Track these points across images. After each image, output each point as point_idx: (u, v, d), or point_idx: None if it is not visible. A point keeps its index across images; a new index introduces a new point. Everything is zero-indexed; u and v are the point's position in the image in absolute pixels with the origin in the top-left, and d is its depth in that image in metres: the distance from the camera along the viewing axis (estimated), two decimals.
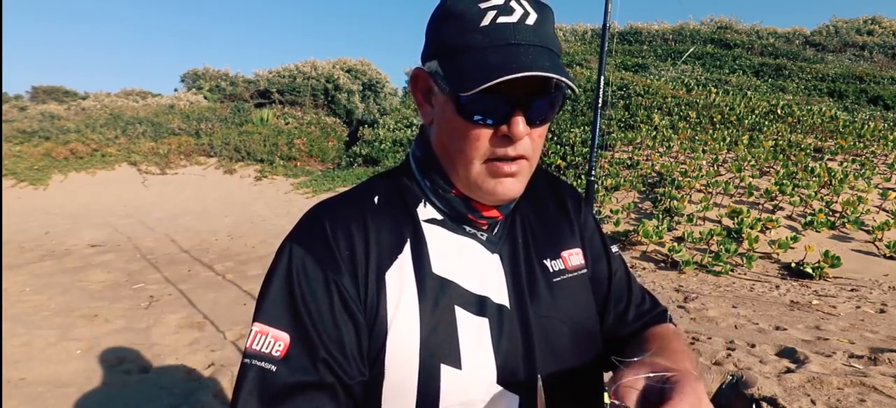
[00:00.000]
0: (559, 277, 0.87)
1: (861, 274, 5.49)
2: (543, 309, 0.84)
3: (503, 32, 0.69)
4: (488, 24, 0.69)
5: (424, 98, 0.82)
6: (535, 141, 0.76)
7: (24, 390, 2.86)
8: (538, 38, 0.71)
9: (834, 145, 9.53)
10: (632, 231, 6.75)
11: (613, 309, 0.95)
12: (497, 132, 0.73)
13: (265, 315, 0.74)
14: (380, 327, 0.75)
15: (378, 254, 0.78)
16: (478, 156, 0.75)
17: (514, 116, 0.71)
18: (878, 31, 21.55)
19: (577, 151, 10.81)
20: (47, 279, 5.57)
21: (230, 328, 3.90)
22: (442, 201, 0.83)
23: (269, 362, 0.71)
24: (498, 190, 0.76)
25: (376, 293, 0.76)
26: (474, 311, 0.79)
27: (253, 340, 0.73)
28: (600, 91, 4.58)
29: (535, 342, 0.81)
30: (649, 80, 15.70)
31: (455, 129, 0.75)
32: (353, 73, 22.67)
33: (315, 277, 0.75)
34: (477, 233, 0.84)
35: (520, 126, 0.71)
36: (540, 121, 0.74)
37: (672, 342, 0.85)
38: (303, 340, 0.72)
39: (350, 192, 0.86)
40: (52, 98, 23.86)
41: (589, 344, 0.88)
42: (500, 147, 0.73)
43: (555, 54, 0.72)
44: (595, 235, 0.98)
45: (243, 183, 15.46)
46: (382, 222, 0.81)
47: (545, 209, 0.94)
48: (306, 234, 0.78)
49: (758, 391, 2.43)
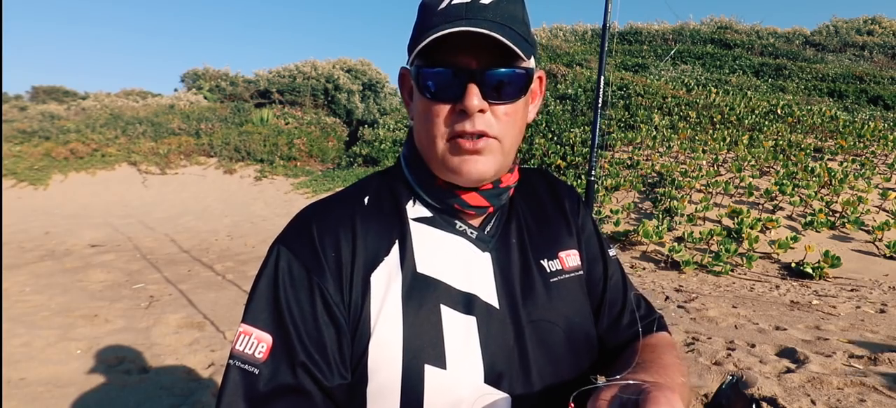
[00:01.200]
0: (556, 278, 0.87)
1: (861, 274, 5.49)
2: (538, 310, 0.83)
3: (456, 11, 0.72)
4: (445, 6, 0.73)
5: (409, 96, 0.83)
6: (502, 120, 0.76)
7: (24, 390, 2.86)
8: (492, 15, 0.72)
9: (834, 145, 9.53)
10: (632, 231, 6.75)
11: (607, 313, 0.94)
12: (454, 108, 0.74)
13: (250, 316, 0.75)
14: (364, 330, 0.75)
15: (365, 257, 0.78)
16: (440, 134, 0.76)
17: (468, 89, 0.72)
18: (878, 31, 21.56)
19: (577, 151, 10.81)
20: (47, 279, 5.58)
21: (230, 328, 3.90)
22: (429, 194, 0.83)
23: (252, 364, 0.72)
24: (463, 168, 0.76)
25: (361, 296, 0.76)
26: (461, 309, 0.78)
27: (238, 340, 0.74)
28: (600, 91, 4.58)
29: (527, 343, 0.80)
30: (649, 80, 15.69)
31: (421, 111, 0.77)
32: (353, 73, 22.68)
33: (300, 281, 0.75)
34: (467, 230, 0.83)
35: (473, 99, 0.71)
36: (500, 96, 0.74)
37: (662, 355, 0.83)
38: (284, 342, 0.73)
39: (341, 192, 0.87)
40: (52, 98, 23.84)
41: (584, 346, 0.87)
42: (458, 123, 0.74)
43: (513, 30, 0.73)
44: (592, 237, 0.97)
45: (243, 183, 15.46)
46: (371, 224, 0.81)
47: (543, 210, 0.93)
48: (294, 237, 0.79)
49: (758, 391, 2.43)
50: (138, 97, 22.37)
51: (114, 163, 16.47)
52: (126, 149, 17.07)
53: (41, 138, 17.09)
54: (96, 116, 19.01)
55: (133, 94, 23.21)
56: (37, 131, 17.40)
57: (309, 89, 21.24)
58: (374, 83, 23.14)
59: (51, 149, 16.43)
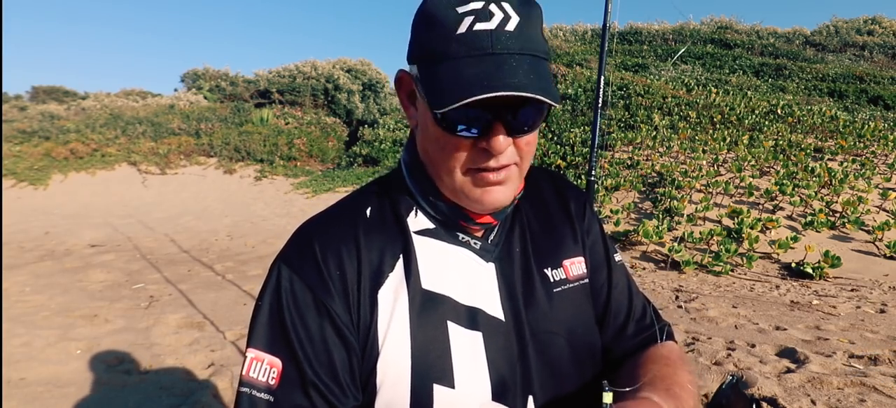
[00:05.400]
0: (559, 288, 0.85)
1: (861, 274, 5.49)
2: (541, 321, 0.81)
3: (480, 41, 0.65)
4: (465, 31, 0.65)
5: (409, 101, 0.79)
6: (523, 148, 0.73)
7: (24, 390, 2.86)
8: (519, 45, 0.66)
9: (834, 145, 9.53)
10: (632, 231, 6.74)
11: (612, 322, 0.91)
12: (476, 144, 0.70)
13: (257, 340, 0.74)
14: (372, 348, 0.74)
15: (370, 273, 0.76)
16: (459, 166, 0.72)
17: (495, 128, 0.68)
18: (879, 31, 21.54)
19: (577, 151, 10.81)
20: (47, 279, 5.57)
21: (230, 328, 3.90)
22: (433, 208, 0.80)
23: (266, 391, 0.71)
24: (485, 199, 0.74)
25: (369, 314, 0.75)
26: (466, 325, 0.77)
27: (249, 367, 0.73)
28: (600, 91, 4.58)
29: (531, 356, 0.78)
30: (649, 80, 15.69)
31: (436, 138, 0.72)
32: (353, 73, 22.67)
33: (305, 302, 0.74)
34: (471, 241, 0.81)
35: (500, 140, 0.68)
36: (526, 129, 0.71)
37: (676, 373, 0.81)
38: (295, 366, 0.72)
39: (342, 204, 0.84)
40: (52, 98, 23.84)
41: (588, 358, 0.85)
42: (482, 159, 0.71)
43: (540, 59, 0.68)
44: (598, 242, 0.94)
45: (243, 183, 15.46)
46: (374, 238, 0.79)
47: (548, 214, 0.91)
48: (296, 255, 0.77)
49: (758, 391, 2.43)
50: (138, 97, 22.37)
51: (114, 163, 16.47)
52: (126, 149, 17.08)
53: (41, 138, 17.09)
54: (96, 116, 19.01)
55: (133, 94, 23.20)
56: (37, 131, 17.40)
57: (309, 89, 21.24)
58: (374, 83, 23.13)
59: (51, 149, 16.43)
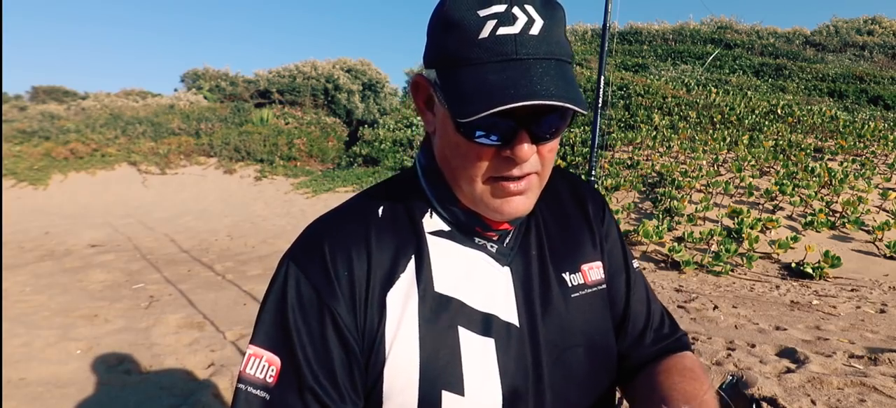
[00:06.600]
0: (577, 293, 0.83)
1: (861, 274, 5.49)
2: (557, 327, 0.79)
3: (504, 46, 0.62)
4: (487, 36, 0.62)
5: (426, 106, 0.77)
6: (546, 155, 0.71)
7: (24, 390, 2.86)
8: (544, 49, 0.64)
9: (834, 145, 9.53)
10: (632, 231, 6.74)
11: (630, 331, 0.89)
12: (499, 152, 0.68)
13: (259, 338, 0.73)
14: (378, 353, 0.72)
15: (380, 275, 0.75)
16: (480, 174, 0.70)
17: (519, 136, 0.66)
18: (879, 31, 21.54)
19: (577, 151, 10.81)
20: (47, 279, 5.57)
21: (230, 328, 3.90)
22: (449, 213, 0.79)
23: (263, 389, 0.71)
24: (505, 208, 0.72)
25: (377, 317, 0.73)
26: (479, 331, 0.75)
27: (247, 363, 0.72)
28: (600, 91, 4.58)
29: (546, 363, 0.77)
30: (649, 80, 15.69)
31: (456, 145, 0.70)
32: (353, 73, 22.67)
33: (309, 303, 0.72)
34: (487, 244, 0.79)
35: (525, 148, 0.66)
36: (549, 136, 0.69)
37: (699, 388, 0.79)
38: (294, 366, 0.71)
39: (354, 202, 0.82)
40: (52, 98, 23.81)
41: (604, 365, 0.84)
42: (505, 167, 0.69)
43: (564, 63, 0.66)
44: (617, 246, 0.92)
45: (243, 183, 15.46)
46: (386, 239, 0.77)
47: (566, 217, 0.88)
48: (304, 255, 0.75)
49: (758, 391, 2.43)
50: (138, 97, 22.36)
51: (114, 163, 16.47)
52: (126, 149, 17.08)
53: (41, 138, 17.09)
54: (96, 116, 19.00)
55: (133, 94, 23.18)
56: (37, 131, 17.40)
57: (309, 89, 21.24)
58: (374, 83, 23.13)
59: (51, 149, 16.43)
